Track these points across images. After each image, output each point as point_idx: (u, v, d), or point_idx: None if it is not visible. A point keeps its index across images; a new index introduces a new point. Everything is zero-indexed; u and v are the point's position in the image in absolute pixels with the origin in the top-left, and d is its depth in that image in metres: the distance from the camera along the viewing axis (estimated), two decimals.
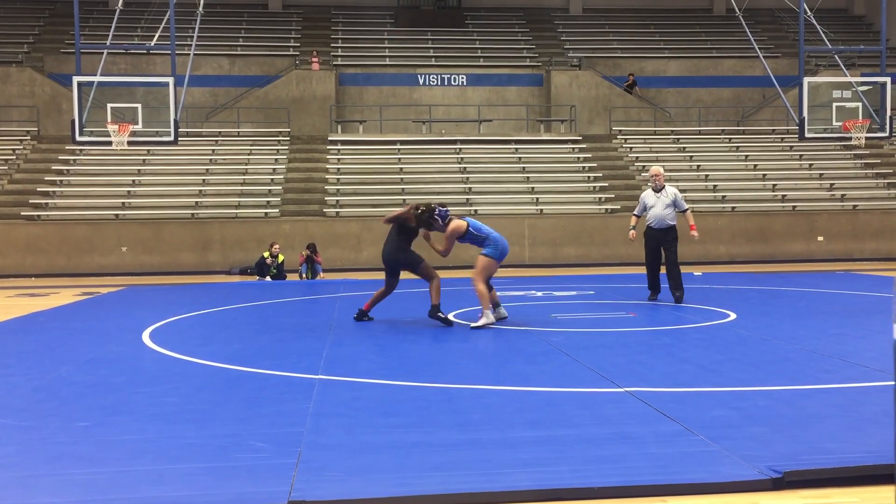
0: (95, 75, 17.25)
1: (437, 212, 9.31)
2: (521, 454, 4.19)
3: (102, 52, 18.73)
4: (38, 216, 20.47)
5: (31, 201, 20.93)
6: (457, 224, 9.24)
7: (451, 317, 9.58)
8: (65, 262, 19.73)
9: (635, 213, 11.85)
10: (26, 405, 5.53)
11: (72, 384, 6.22)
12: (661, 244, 11.36)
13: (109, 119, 17.16)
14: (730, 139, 25.66)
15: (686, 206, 11.50)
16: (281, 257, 17.66)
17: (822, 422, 4.74)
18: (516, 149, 24.35)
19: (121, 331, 9.13)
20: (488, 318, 9.01)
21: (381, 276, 10.23)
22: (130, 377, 6.45)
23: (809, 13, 18.87)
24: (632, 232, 11.81)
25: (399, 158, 23.68)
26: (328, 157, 23.85)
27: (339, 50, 28.46)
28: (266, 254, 17.67)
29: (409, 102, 26.89)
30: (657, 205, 11.28)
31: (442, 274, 9.98)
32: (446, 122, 26.21)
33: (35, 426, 4.92)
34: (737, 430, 4.56)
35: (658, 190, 11.35)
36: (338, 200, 21.70)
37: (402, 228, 9.50)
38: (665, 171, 23.40)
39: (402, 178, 22.64)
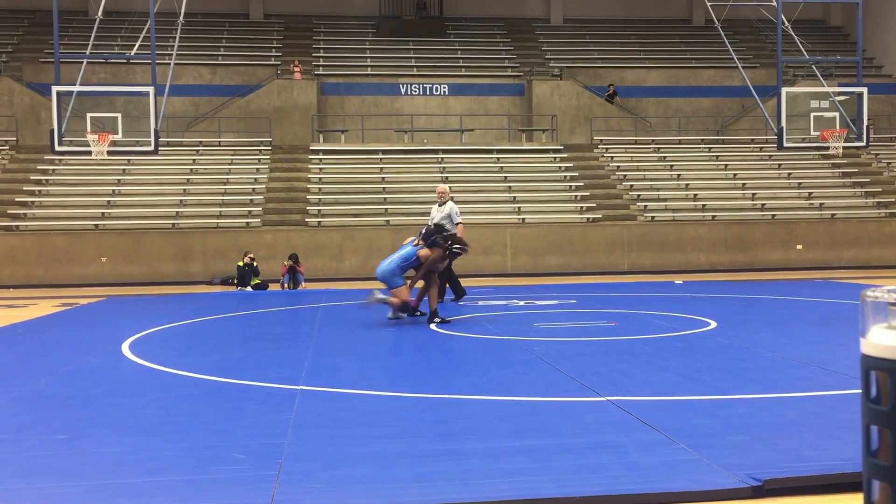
0: (75, 85, 17.14)
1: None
2: (502, 464, 4.19)
3: (82, 62, 18.60)
4: (17, 226, 20.28)
5: (9, 211, 20.73)
6: None
7: (433, 325, 9.57)
8: (43, 273, 19.54)
9: (429, 223, 13.31)
10: (3, 417, 5.47)
11: (50, 396, 6.15)
12: None
13: (89, 129, 17.04)
14: (709, 148, 25.86)
15: (458, 219, 12.83)
16: (255, 263, 17.64)
17: (801, 429, 4.77)
18: (498, 158, 24.42)
19: (100, 342, 9.05)
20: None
21: (363, 285, 10.29)
22: (109, 389, 6.40)
23: (787, 24, 19.07)
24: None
25: (381, 168, 23.68)
26: (310, 166, 23.81)
27: (321, 59, 28.45)
28: (241, 263, 17.63)
29: (391, 112, 26.91)
30: (435, 217, 12.83)
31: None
32: (428, 132, 26.24)
33: (11, 439, 4.87)
34: (717, 438, 4.58)
35: (441, 205, 12.87)
36: (320, 210, 21.65)
37: None
38: (646, 180, 23.80)
39: (384, 188, 22.64)
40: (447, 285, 12.92)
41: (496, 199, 22.51)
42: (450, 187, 13.88)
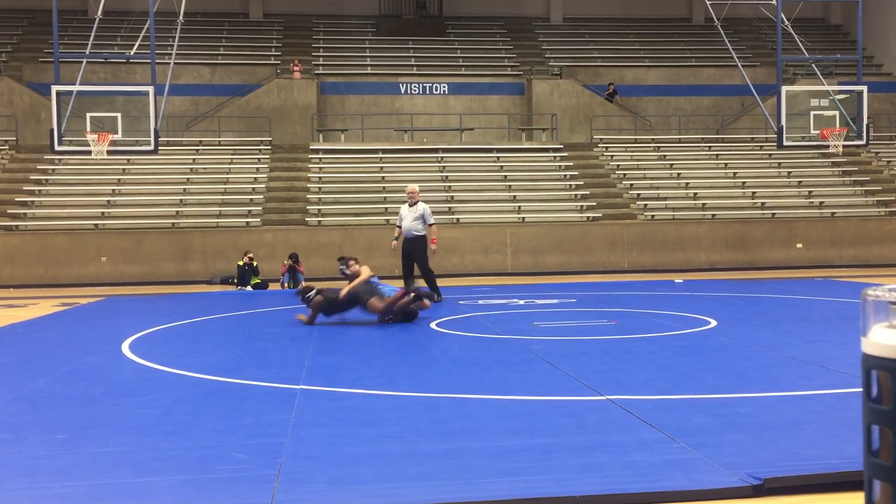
0: (74, 84, 17.12)
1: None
2: (503, 463, 4.18)
3: (82, 62, 18.59)
4: (17, 226, 20.28)
5: (9, 211, 20.74)
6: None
7: (434, 325, 9.56)
8: (43, 273, 19.54)
9: (397, 224, 12.99)
10: (3, 417, 5.47)
11: (50, 396, 6.15)
12: (410, 252, 12.60)
13: (89, 128, 17.04)
14: (709, 147, 25.86)
15: (432, 220, 12.73)
16: (255, 262, 17.65)
17: (801, 428, 4.77)
18: (498, 157, 24.41)
19: (100, 342, 9.05)
20: None
21: None
22: (109, 388, 6.40)
23: (787, 23, 19.06)
24: (393, 243, 12.91)
25: (381, 167, 23.67)
26: (310, 165, 23.81)
27: (321, 59, 28.45)
28: (241, 262, 17.64)
29: (391, 111, 26.91)
30: (407, 217, 12.58)
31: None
32: (428, 131, 26.24)
33: (12, 439, 4.87)
34: (717, 437, 4.58)
35: (412, 205, 12.67)
36: (319, 210, 21.65)
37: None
38: (646, 178, 23.80)
39: (384, 187, 22.63)
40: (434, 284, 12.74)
41: (496, 199, 22.51)
42: (450, 185, 13.77)
